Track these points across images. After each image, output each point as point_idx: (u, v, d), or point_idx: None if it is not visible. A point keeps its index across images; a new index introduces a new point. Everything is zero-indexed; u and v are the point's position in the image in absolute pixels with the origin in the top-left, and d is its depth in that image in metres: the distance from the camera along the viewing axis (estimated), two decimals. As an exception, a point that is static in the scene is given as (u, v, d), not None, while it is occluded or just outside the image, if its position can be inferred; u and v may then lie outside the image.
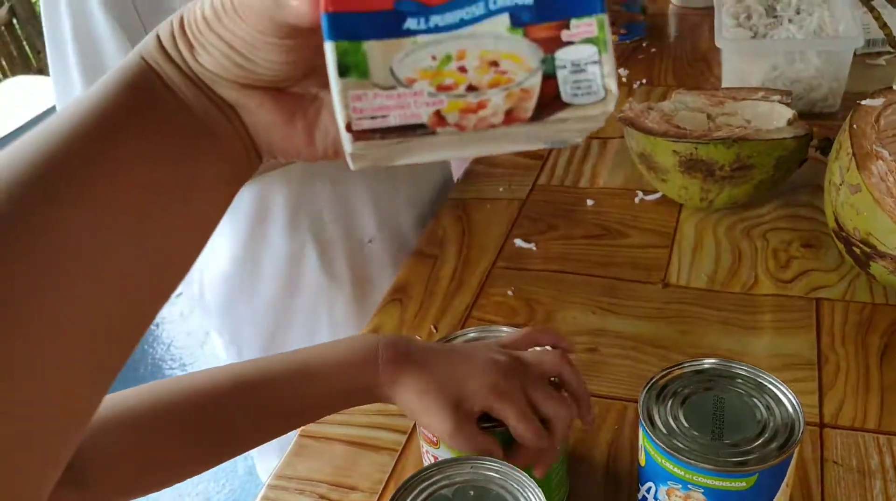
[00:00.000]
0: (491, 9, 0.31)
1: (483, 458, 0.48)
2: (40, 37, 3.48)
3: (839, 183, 0.75)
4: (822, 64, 1.06)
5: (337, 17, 0.30)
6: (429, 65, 0.30)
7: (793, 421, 0.49)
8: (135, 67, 0.37)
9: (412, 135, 0.30)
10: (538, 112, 0.31)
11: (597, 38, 0.31)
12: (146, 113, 0.36)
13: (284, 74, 0.37)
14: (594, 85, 0.31)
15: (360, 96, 0.30)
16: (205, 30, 0.36)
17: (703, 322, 0.77)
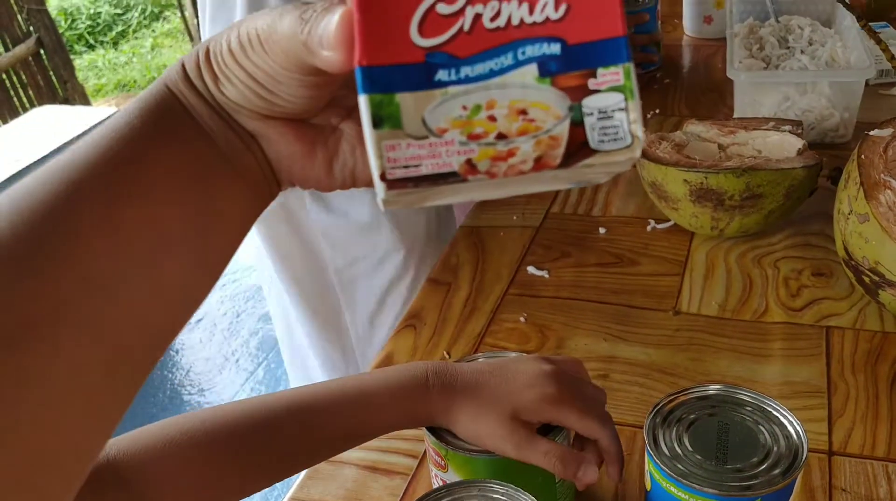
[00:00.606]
0: (519, 59, 0.32)
1: (491, 481, 0.49)
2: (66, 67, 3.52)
3: (848, 212, 0.76)
4: (833, 94, 1.07)
5: (371, 71, 0.31)
6: (459, 114, 0.31)
7: (796, 446, 0.49)
8: (159, 95, 0.37)
9: (444, 183, 0.31)
10: (567, 159, 0.32)
11: (623, 86, 0.32)
12: (169, 141, 0.36)
13: (306, 106, 0.38)
14: (621, 131, 0.32)
15: (394, 146, 0.31)
16: (230, 62, 0.36)
17: (714, 350, 0.78)
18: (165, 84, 0.38)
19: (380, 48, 0.31)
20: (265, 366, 2.44)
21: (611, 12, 0.32)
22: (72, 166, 0.34)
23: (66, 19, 5.54)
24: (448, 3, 0.32)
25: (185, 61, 0.38)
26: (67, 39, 5.19)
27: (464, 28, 0.32)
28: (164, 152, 0.36)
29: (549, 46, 0.32)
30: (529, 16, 0.32)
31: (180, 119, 0.37)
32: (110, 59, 5.28)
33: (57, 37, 3.85)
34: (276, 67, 0.35)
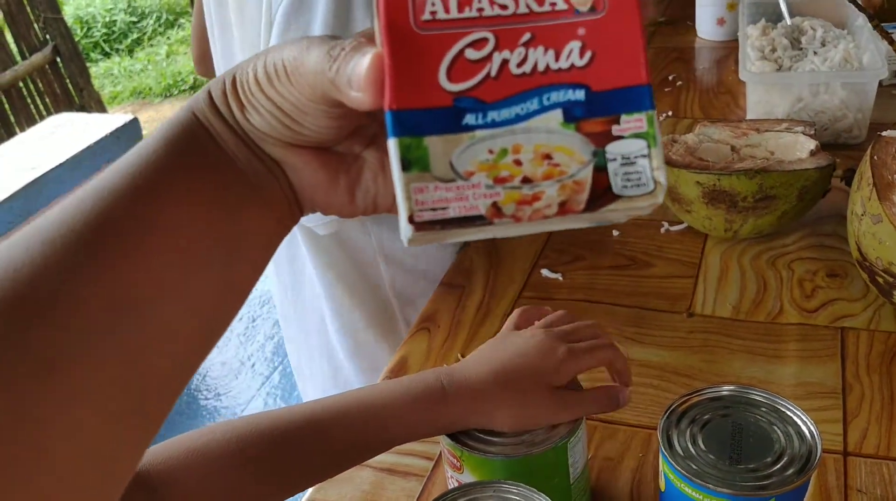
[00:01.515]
0: (545, 104, 0.32)
1: (506, 482, 0.49)
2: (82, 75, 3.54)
3: (861, 213, 0.76)
4: (846, 95, 1.07)
5: (400, 115, 0.32)
6: (486, 158, 0.32)
7: (810, 446, 0.49)
8: (185, 122, 0.38)
9: (470, 225, 0.32)
10: (590, 204, 0.32)
11: (646, 132, 0.32)
12: (195, 169, 0.37)
13: (331, 136, 0.38)
14: (644, 177, 0.32)
15: (422, 189, 0.32)
16: (256, 91, 0.37)
17: (728, 351, 0.78)
18: (192, 111, 0.38)
19: (409, 92, 0.32)
20: (281, 371, 2.45)
21: (634, 61, 0.33)
22: (100, 195, 0.34)
23: (81, 27, 5.59)
24: (476, 49, 0.32)
25: (211, 89, 0.39)
26: (83, 47, 5.23)
27: (491, 73, 0.32)
28: (189, 181, 0.36)
29: (574, 93, 0.33)
30: (555, 62, 0.33)
31: (206, 146, 0.37)
32: (126, 66, 5.32)
33: (73, 45, 3.88)
34: (301, 98, 0.36)
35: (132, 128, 2.44)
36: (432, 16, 0.32)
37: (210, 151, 0.37)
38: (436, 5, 0.32)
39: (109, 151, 2.35)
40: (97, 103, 4.00)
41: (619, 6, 0.33)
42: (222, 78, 0.38)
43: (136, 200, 0.34)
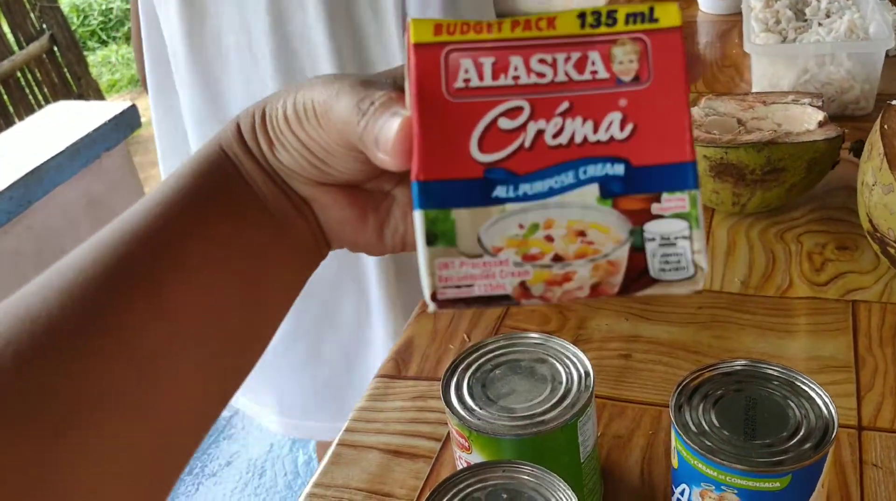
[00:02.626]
0: (581, 178, 0.31)
1: (516, 462, 0.49)
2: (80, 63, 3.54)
3: (872, 184, 0.75)
4: (853, 66, 1.05)
5: (428, 186, 0.30)
6: (516, 233, 0.30)
7: (827, 420, 0.48)
8: (213, 156, 0.36)
9: (496, 305, 0.30)
10: (625, 287, 0.30)
11: (688, 213, 0.30)
12: (222, 211, 0.35)
13: (360, 175, 0.37)
14: (683, 260, 0.30)
15: (447, 264, 0.30)
16: (285, 129, 0.36)
17: (738, 327, 0.77)
18: (220, 145, 0.37)
19: (438, 162, 0.30)
20: (285, 356, 2.45)
21: (679, 136, 0.31)
22: (121, 239, 0.33)
23: (78, 16, 5.56)
24: (510, 118, 0.31)
25: (241, 123, 0.37)
26: (80, 36, 5.20)
27: (525, 144, 0.31)
28: (214, 222, 0.35)
29: (613, 167, 0.31)
30: (594, 134, 0.31)
31: (233, 184, 0.36)
32: (123, 54, 5.29)
33: (70, 33, 3.86)
34: (329, 142, 0.35)
35: (130, 115, 2.42)
36: (466, 83, 0.31)
37: (237, 189, 0.36)
38: (469, 72, 0.31)
39: (108, 138, 2.34)
40: (95, 92, 3.99)
41: (666, 77, 0.31)
42: (252, 111, 0.37)
43: (159, 247, 0.33)
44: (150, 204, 0.34)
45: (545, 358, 0.58)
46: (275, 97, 0.37)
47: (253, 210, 0.36)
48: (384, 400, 0.74)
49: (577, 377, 0.56)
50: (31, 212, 2.16)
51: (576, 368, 0.57)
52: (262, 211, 0.37)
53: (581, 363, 0.57)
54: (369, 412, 0.73)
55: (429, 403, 0.73)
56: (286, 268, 0.38)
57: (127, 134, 2.43)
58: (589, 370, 0.56)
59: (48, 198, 2.19)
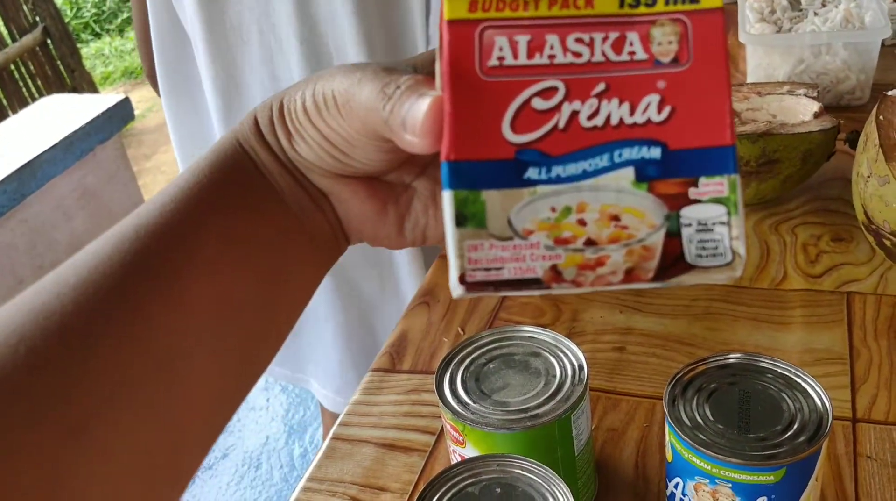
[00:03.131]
0: (616, 161, 0.30)
1: (510, 456, 0.48)
2: (73, 56, 3.52)
3: (867, 175, 0.74)
4: (849, 56, 1.05)
5: (458, 166, 0.29)
6: (547, 216, 0.30)
7: (821, 414, 0.48)
8: (229, 150, 0.36)
9: (525, 288, 0.29)
10: (660, 272, 0.29)
11: (727, 198, 0.30)
12: (236, 203, 0.35)
13: (380, 167, 0.36)
14: (721, 247, 0.29)
15: (476, 247, 0.29)
16: (304, 121, 0.35)
17: (732, 319, 0.77)
18: (237, 139, 0.36)
19: (469, 142, 0.30)
20: (281, 349, 2.44)
21: (719, 119, 0.30)
22: (136, 235, 0.32)
23: (71, 8, 5.53)
24: (545, 98, 0.30)
25: (258, 115, 0.36)
26: (73, 28, 5.18)
27: (559, 125, 0.30)
28: (230, 218, 0.34)
29: (649, 150, 0.30)
30: (630, 116, 0.30)
31: (250, 179, 0.35)
32: (117, 46, 5.27)
33: (63, 26, 3.84)
34: (351, 132, 0.34)
35: (124, 107, 2.41)
36: (500, 62, 0.30)
37: (254, 183, 0.35)
38: (504, 50, 0.30)
39: (102, 131, 2.33)
40: (89, 84, 3.97)
41: (706, 59, 0.30)
42: (269, 104, 0.36)
43: (175, 242, 0.32)
44: (166, 199, 0.34)
45: (539, 352, 0.58)
46: (293, 89, 0.36)
47: (270, 205, 0.36)
48: (378, 394, 0.74)
49: (571, 370, 0.56)
50: (24, 205, 2.15)
51: (570, 361, 0.57)
52: (279, 205, 0.36)
53: (575, 356, 0.57)
54: (363, 406, 0.72)
55: (423, 397, 0.72)
56: (304, 263, 0.37)
57: (120, 126, 2.42)
58: (583, 363, 0.56)
59: (42, 191, 2.19)
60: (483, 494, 0.47)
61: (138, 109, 3.95)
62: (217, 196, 0.34)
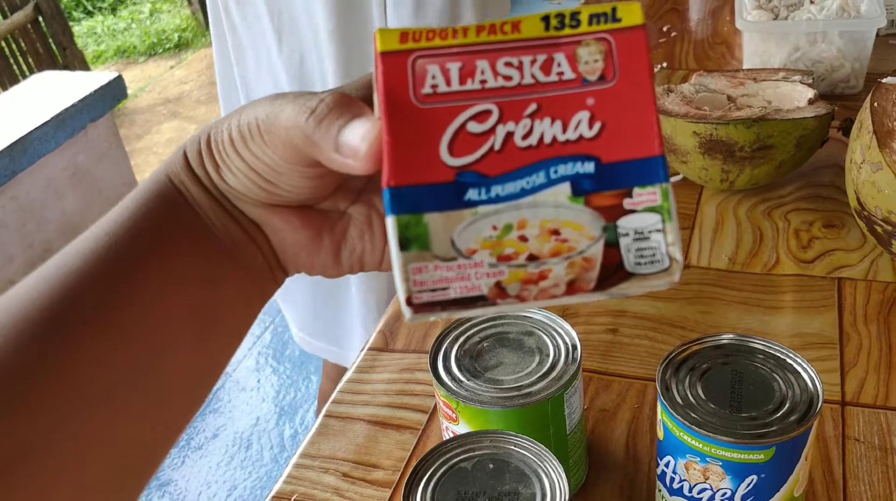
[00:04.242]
0: (552, 178, 0.31)
1: (503, 432, 0.49)
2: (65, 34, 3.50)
3: (860, 161, 0.75)
4: (844, 45, 1.05)
5: (399, 192, 0.30)
6: (489, 235, 0.30)
7: (811, 394, 0.49)
8: (161, 187, 0.36)
9: (472, 306, 0.30)
10: (601, 282, 0.30)
11: (660, 206, 0.31)
12: (169, 238, 0.35)
13: (310, 195, 0.37)
14: (658, 253, 0.30)
15: (421, 269, 0.30)
16: (230, 151, 0.35)
17: (724, 303, 0.77)
18: (167, 175, 0.36)
19: (409, 168, 0.30)
20: (272, 330, 2.45)
21: (647, 131, 0.31)
22: (68, 271, 0.32)
23: (63, -15, 5.48)
24: (479, 121, 0.31)
25: (187, 149, 0.37)
26: (65, 6, 5.14)
27: (495, 147, 0.31)
28: (163, 255, 0.35)
29: (583, 165, 0.31)
30: (562, 134, 0.31)
31: (181, 214, 0.36)
32: (109, 25, 5.23)
33: (55, 3, 3.80)
34: (275, 158, 0.34)
35: (116, 85, 2.40)
36: (433, 89, 0.31)
37: (185, 219, 0.36)
38: (437, 78, 0.31)
39: (94, 108, 2.32)
40: (81, 62, 3.94)
41: (631, 75, 0.32)
42: (197, 138, 0.36)
43: (108, 278, 0.32)
44: (100, 234, 0.34)
45: (533, 331, 0.58)
46: (220, 121, 0.36)
47: (201, 240, 0.36)
48: (371, 372, 0.74)
49: (565, 350, 0.56)
50: (15, 183, 2.14)
51: (563, 341, 0.57)
52: (210, 240, 0.36)
53: (569, 336, 0.57)
54: (357, 384, 0.73)
55: (416, 375, 0.73)
56: (238, 297, 0.37)
57: (113, 105, 2.41)
58: (576, 343, 0.56)
59: (33, 169, 2.17)
60: (476, 469, 0.47)
61: (131, 88, 3.93)
62: (148, 234, 0.34)
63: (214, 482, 1.99)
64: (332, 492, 0.63)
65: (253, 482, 1.98)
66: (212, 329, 0.36)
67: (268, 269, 0.38)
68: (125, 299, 0.33)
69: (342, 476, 0.65)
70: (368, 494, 0.63)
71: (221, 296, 0.36)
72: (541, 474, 0.46)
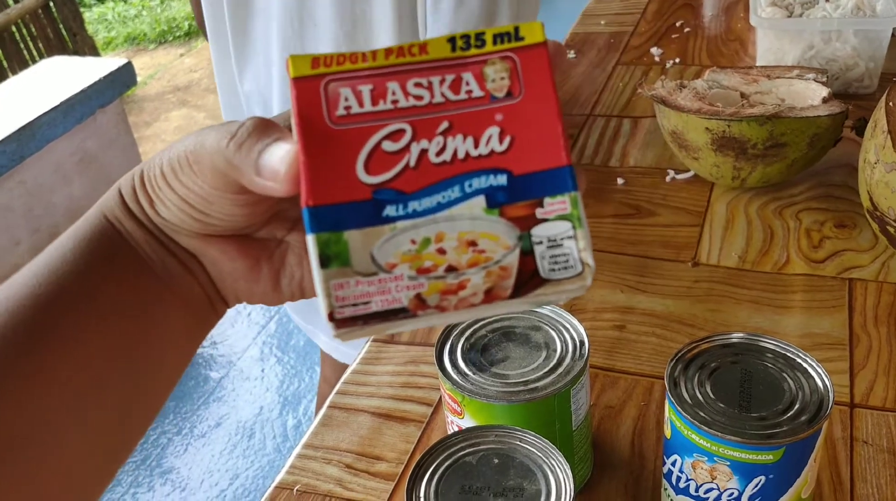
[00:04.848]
0: (467, 192, 0.32)
1: (508, 427, 0.48)
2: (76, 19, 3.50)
3: (874, 162, 0.74)
4: (858, 43, 1.04)
5: (317, 211, 0.31)
6: (408, 249, 0.31)
7: (822, 395, 0.48)
8: (95, 224, 0.36)
9: (394, 319, 0.31)
10: (517, 289, 0.31)
11: (570, 214, 0.32)
12: (102, 277, 0.35)
13: (243, 223, 0.37)
14: (571, 259, 0.31)
15: (342, 285, 0.31)
16: (162, 184, 0.36)
17: (734, 301, 0.76)
18: (102, 213, 0.37)
19: (327, 187, 0.31)
20: (277, 320, 2.45)
21: (554, 143, 0.32)
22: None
23: (74, -29, 5.48)
24: (393, 140, 0.32)
25: (121, 187, 0.37)
26: (76, -9, 5.13)
27: (410, 164, 0.32)
28: (96, 290, 0.35)
29: (496, 178, 0.32)
30: (475, 149, 0.32)
31: (117, 248, 0.36)
32: (120, 12, 5.23)
33: (66, -12, 3.81)
34: (204, 187, 0.35)
35: (126, 72, 2.40)
36: (346, 111, 0.32)
37: (119, 254, 0.36)
38: (349, 100, 0.32)
39: (103, 94, 2.32)
40: (91, 49, 3.94)
41: (536, 90, 0.33)
42: (131, 175, 0.37)
43: (35, 318, 0.33)
44: (29, 275, 0.34)
45: (540, 326, 0.58)
46: (153, 158, 0.37)
47: (136, 274, 0.36)
48: (376, 364, 0.73)
49: (572, 345, 0.56)
50: (23, 167, 2.14)
51: (570, 336, 0.56)
52: (146, 274, 0.36)
53: (576, 331, 0.57)
54: (361, 376, 0.72)
55: (420, 368, 0.72)
56: (175, 331, 0.37)
57: (122, 91, 2.40)
58: (584, 339, 0.56)
59: (41, 153, 2.18)
60: (481, 463, 0.47)
61: (140, 75, 3.93)
62: (81, 271, 0.35)
63: (217, 470, 2.00)
64: (334, 483, 0.63)
65: (255, 471, 1.98)
66: (145, 362, 0.36)
67: (206, 300, 0.39)
68: (51, 343, 0.33)
69: (345, 467, 0.64)
70: (371, 486, 0.62)
71: (159, 330, 0.37)
72: (546, 470, 0.46)
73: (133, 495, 1.96)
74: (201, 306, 0.38)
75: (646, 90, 0.89)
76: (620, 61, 1.23)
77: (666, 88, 0.90)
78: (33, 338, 0.32)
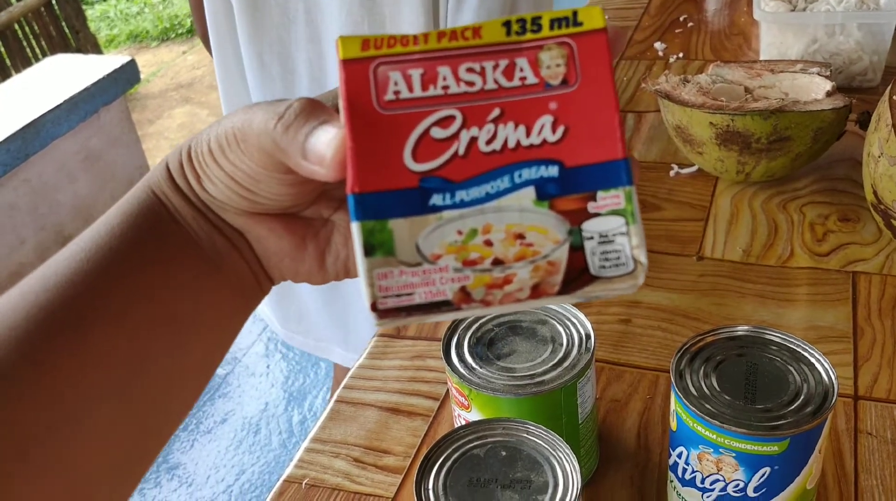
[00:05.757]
0: (516, 182, 0.31)
1: (515, 420, 0.49)
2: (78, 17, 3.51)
3: (878, 155, 0.74)
4: (862, 37, 1.04)
5: (363, 198, 0.30)
6: (454, 240, 0.31)
7: (826, 387, 0.48)
8: (143, 199, 0.36)
9: (437, 311, 0.30)
10: (565, 285, 0.30)
11: (624, 209, 0.31)
12: (151, 254, 0.35)
13: (290, 202, 0.37)
14: (623, 256, 0.30)
15: (386, 274, 0.30)
16: (210, 161, 0.35)
17: (738, 295, 0.77)
18: (150, 187, 0.36)
19: (373, 174, 0.31)
20: (281, 316, 2.45)
21: (610, 134, 0.31)
22: (45, 287, 0.32)
23: (77, -31, 5.48)
24: (443, 127, 0.31)
25: (168, 161, 0.37)
26: (79, -11, 5.14)
27: (459, 152, 0.31)
28: (143, 266, 0.35)
29: (547, 169, 0.31)
30: (526, 138, 0.31)
31: (164, 225, 0.36)
32: (122, 9, 5.24)
33: (68, -14, 3.81)
34: (252, 165, 0.34)
35: (129, 69, 2.40)
36: (396, 96, 0.31)
37: (167, 230, 0.36)
38: (399, 85, 0.31)
39: (106, 92, 2.32)
40: (93, 46, 3.95)
41: (592, 79, 0.32)
42: (179, 150, 0.37)
43: (84, 294, 0.32)
44: (77, 250, 0.34)
45: (546, 320, 0.58)
46: (200, 133, 0.36)
47: (184, 251, 0.36)
48: (383, 359, 0.74)
49: (578, 339, 0.56)
50: (27, 165, 2.15)
51: (577, 330, 0.57)
52: (193, 251, 0.36)
53: (582, 325, 0.57)
54: (368, 370, 0.73)
55: (427, 362, 0.73)
56: (221, 308, 0.37)
57: (126, 89, 2.41)
58: (590, 332, 0.56)
59: (45, 151, 2.18)
60: (488, 456, 0.47)
61: (143, 73, 3.93)
62: (128, 246, 0.34)
63: (223, 466, 2.00)
64: (342, 477, 0.64)
65: (261, 466, 1.99)
66: (191, 344, 0.36)
67: (252, 277, 0.38)
68: (99, 319, 0.33)
69: (353, 461, 0.65)
70: (379, 479, 0.63)
71: (205, 306, 0.36)
72: (553, 462, 0.46)
73: (140, 490, 1.97)
74: (247, 284, 0.38)
75: (650, 85, 0.90)
76: (624, 56, 1.23)
77: (670, 82, 0.90)
78: (81, 315, 0.32)
